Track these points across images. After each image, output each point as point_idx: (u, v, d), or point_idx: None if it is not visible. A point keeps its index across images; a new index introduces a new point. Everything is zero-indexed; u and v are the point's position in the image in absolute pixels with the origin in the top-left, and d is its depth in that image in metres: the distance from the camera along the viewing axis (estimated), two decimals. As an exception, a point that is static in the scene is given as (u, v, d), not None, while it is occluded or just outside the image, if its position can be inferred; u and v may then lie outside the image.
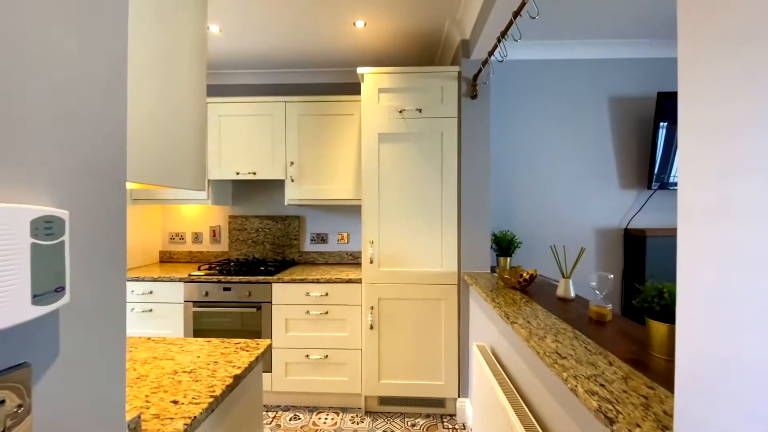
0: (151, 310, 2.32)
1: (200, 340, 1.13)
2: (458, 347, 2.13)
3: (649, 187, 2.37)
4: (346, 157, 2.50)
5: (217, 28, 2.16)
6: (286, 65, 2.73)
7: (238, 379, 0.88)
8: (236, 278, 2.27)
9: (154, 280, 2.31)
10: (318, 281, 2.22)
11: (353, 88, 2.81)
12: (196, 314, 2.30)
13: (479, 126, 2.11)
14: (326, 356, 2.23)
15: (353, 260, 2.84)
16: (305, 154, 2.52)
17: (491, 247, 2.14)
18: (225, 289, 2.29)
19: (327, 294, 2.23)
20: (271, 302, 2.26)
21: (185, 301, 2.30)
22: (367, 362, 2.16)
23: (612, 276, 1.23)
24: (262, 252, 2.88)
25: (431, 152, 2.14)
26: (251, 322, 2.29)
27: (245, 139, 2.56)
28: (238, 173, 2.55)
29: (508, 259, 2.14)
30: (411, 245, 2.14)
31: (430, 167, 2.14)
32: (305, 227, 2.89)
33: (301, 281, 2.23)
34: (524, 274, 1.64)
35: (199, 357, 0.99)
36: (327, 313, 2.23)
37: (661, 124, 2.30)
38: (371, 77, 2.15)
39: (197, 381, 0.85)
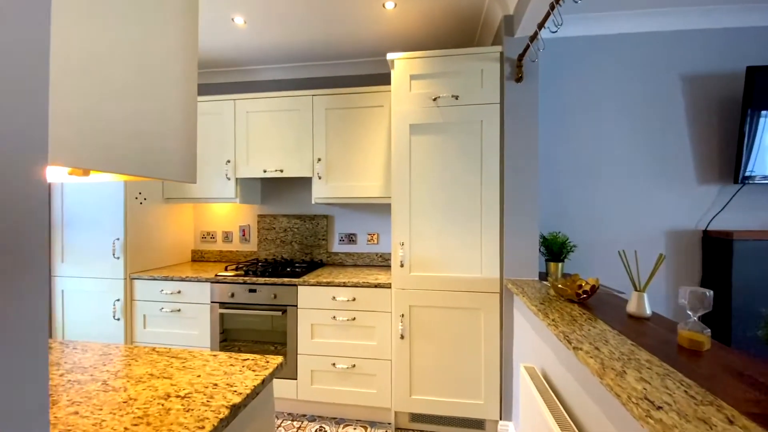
0: (179, 310, 2.29)
1: (206, 353, 1.00)
2: (500, 363, 1.89)
3: (736, 182, 1.98)
4: (376, 152, 2.33)
5: (242, 20, 2.08)
6: (313, 57, 2.61)
7: (236, 409, 0.73)
8: (261, 279, 2.18)
9: (182, 279, 2.28)
10: (344, 285, 2.07)
11: (383, 79, 2.65)
12: (223, 316, 2.24)
13: (525, 112, 1.85)
14: (353, 366, 2.07)
15: (383, 262, 2.67)
16: (333, 150, 2.39)
17: (539, 250, 1.87)
18: (251, 290, 2.21)
19: (354, 299, 2.07)
20: (296, 306, 2.15)
21: (212, 302, 2.25)
22: (398, 375, 1.98)
23: (711, 293, 0.95)
24: (290, 252, 2.79)
25: (469, 143, 1.91)
26: (277, 325, 2.18)
27: (272, 136, 2.47)
28: (265, 171, 2.47)
29: (560, 265, 1.86)
30: (446, 248, 1.93)
31: (468, 160, 1.91)
32: (334, 227, 2.76)
33: (327, 284, 2.09)
34: (584, 285, 1.38)
35: (199, 376, 0.86)
36: (354, 319, 2.07)
37: (752, 106, 1.91)
38: (402, 63, 1.97)
39: (188, 410, 0.71)
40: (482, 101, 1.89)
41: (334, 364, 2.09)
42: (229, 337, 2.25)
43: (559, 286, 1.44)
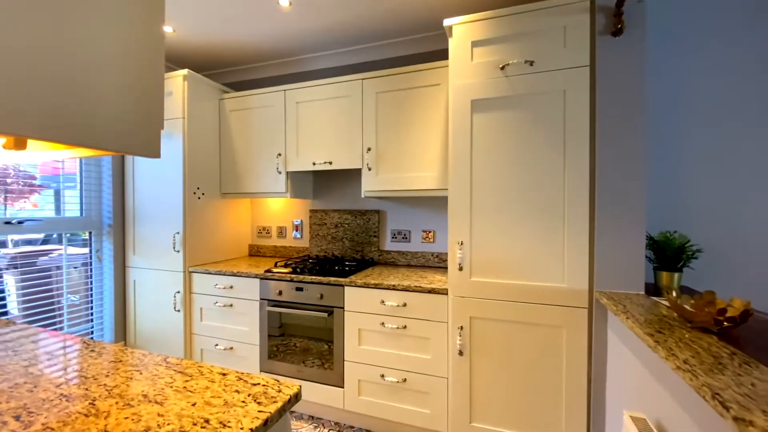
0: (231, 305, 2.28)
1: (216, 370, 0.84)
2: (587, 398, 1.49)
3: None
4: (432, 138, 2.05)
5: (287, 1, 1.95)
6: (363, 39, 2.40)
7: (217, 467, 0.54)
8: (308, 278, 2.05)
9: (233, 275, 2.25)
10: (394, 288, 1.83)
11: (440, 57, 2.34)
12: (270, 314, 2.17)
13: (627, 76, 1.42)
14: (404, 380, 1.83)
15: (440, 263, 2.38)
16: (384, 138, 2.16)
17: (646, 256, 1.43)
18: (297, 289, 2.09)
19: (405, 304, 1.82)
20: (343, 308, 1.97)
21: (260, 299, 2.19)
22: (455, 396, 1.69)
23: None
24: (341, 249, 2.65)
25: (548, 120, 1.53)
26: (323, 328, 2.04)
27: (322, 126, 2.33)
28: (314, 163, 2.34)
29: (676, 275, 1.40)
30: (516, 249, 1.58)
31: (546, 141, 1.54)
32: (386, 223, 2.54)
33: (375, 287, 1.88)
34: (728, 309, 0.95)
35: (194, 404, 0.70)
36: (405, 327, 1.82)
37: None
38: (462, 28, 1.66)
39: (158, 462, 0.53)
40: (565, 65, 1.50)
41: (383, 376, 1.87)
42: (287, 332, 2.14)
43: (688, 307, 1.02)
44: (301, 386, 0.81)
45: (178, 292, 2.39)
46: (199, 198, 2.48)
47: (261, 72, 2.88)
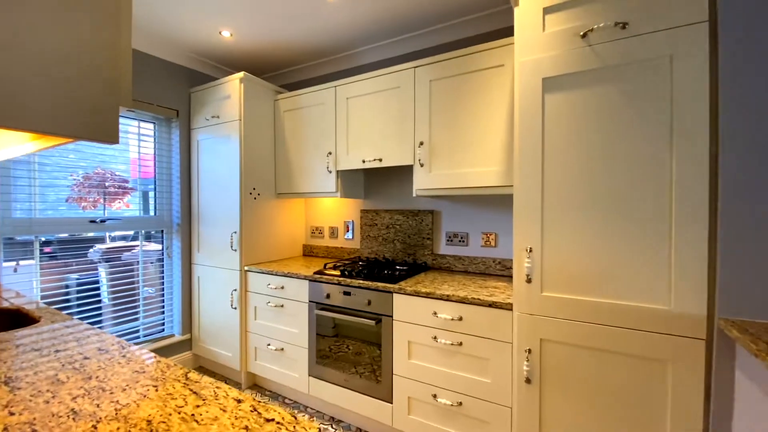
0: (282, 306, 2.26)
1: (231, 395, 0.74)
2: (706, 457, 1.13)
3: None
4: (493, 127, 1.79)
5: (334, -10, 1.85)
6: (415, 25, 2.21)
7: None
8: (355, 282, 1.93)
9: (284, 275, 2.23)
10: (448, 299, 1.62)
11: (501, 35, 2.06)
12: (319, 317, 2.10)
13: (766, 31, 1.04)
14: (460, 403, 1.61)
15: (502, 271, 2.09)
16: (438, 131, 1.96)
17: (801, 274, 1.03)
18: (345, 293, 1.99)
19: (461, 318, 1.60)
20: (391, 316, 1.82)
21: (309, 302, 2.13)
22: (521, 431, 1.43)
23: None
24: (392, 251, 2.50)
25: (647, 96, 1.20)
26: (371, 336, 1.90)
27: (372, 121, 2.20)
28: (364, 161, 2.23)
29: None
30: (603, 259, 1.27)
31: (643, 122, 1.21)
32: (440, 224, 2.33)
33: (426, 296, 1.68)
34: None
35: (195, 442, 0.59)
36: (461, 344, 1.60)
37: None
38: (531, -6, 1.39)
39: None
40: (672, 23, 1.16)
41: (435, 396, 1.67)
42: (341, 333, 2.04)
43: None
44: (320, 429, 0.66)
45: (235, 290, 2.45)
46: (255, 198, 2.52)
47: (314, 71, 2.85)
